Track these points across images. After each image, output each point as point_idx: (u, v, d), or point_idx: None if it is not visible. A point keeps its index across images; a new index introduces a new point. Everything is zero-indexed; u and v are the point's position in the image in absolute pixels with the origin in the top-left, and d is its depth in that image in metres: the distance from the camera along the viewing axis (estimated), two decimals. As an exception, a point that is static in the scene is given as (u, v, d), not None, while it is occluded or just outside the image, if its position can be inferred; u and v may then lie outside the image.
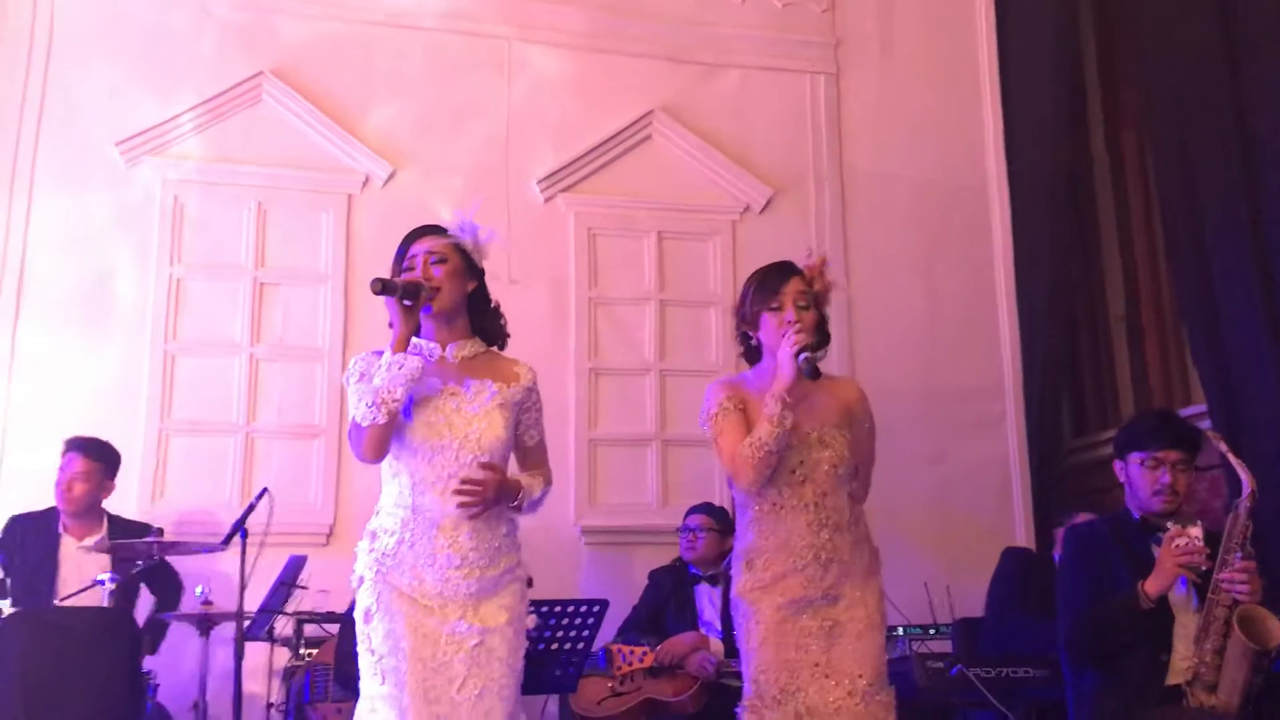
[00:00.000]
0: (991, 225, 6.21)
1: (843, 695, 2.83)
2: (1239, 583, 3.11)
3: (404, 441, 2.77)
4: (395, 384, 2.69)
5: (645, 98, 5.97)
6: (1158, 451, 3.37)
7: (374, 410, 2.68)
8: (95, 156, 5.33)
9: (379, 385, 2.69)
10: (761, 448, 2.86)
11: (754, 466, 2.87)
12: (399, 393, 2.69)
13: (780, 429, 2.85)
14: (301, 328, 5.46)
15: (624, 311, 5.81)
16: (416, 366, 2.73)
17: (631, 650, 4.39)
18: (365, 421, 2.69)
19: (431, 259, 2.84)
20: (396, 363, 2.72)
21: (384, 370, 2.71)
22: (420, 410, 2.77)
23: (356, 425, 2.72)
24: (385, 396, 2.68)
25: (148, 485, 5.13)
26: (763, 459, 2.86)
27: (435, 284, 2.82)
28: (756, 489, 2.94)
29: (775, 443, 2.85)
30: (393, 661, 2.64)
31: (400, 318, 2.77)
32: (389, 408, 2.68)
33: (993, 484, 5.89)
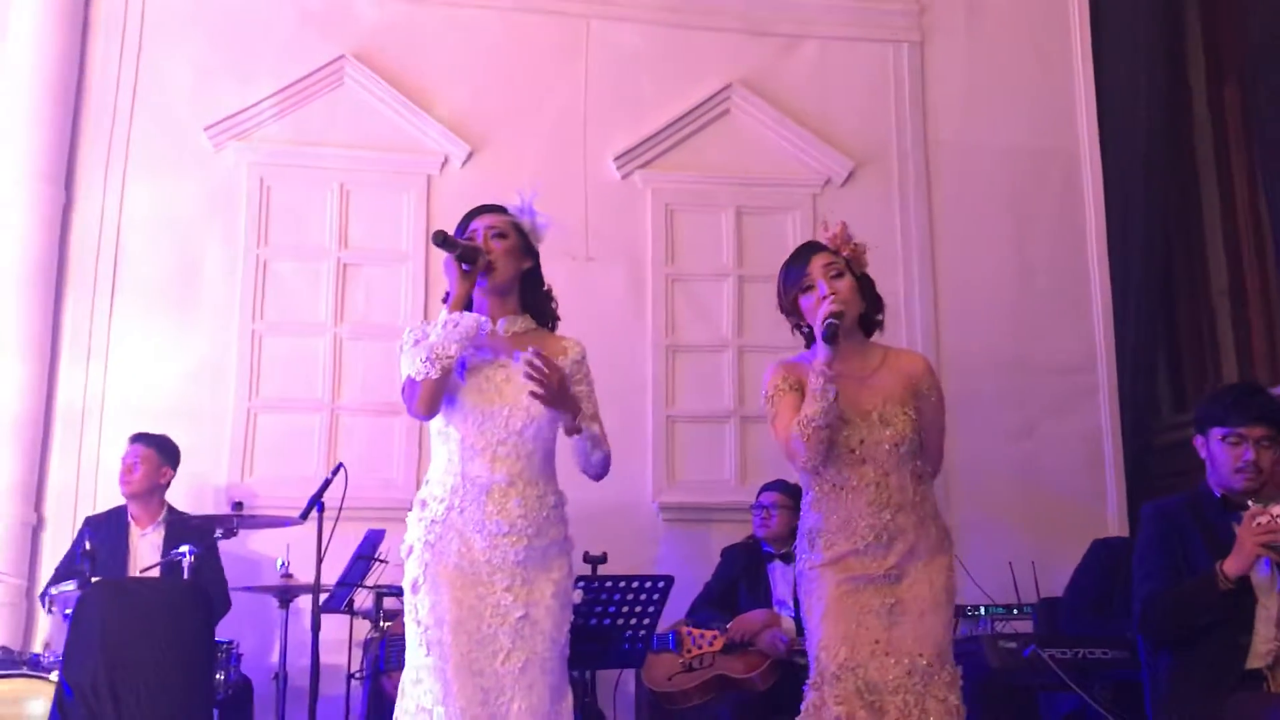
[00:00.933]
0: (1083, 193, 6.02)
1: (902, 674, 2.78)
2: None
3: (455, 405, 2.82)
4: (450, 340, 2.74)
5: (723, 71, 5.90)
6: (1240, 427, 3.22)
7: (428, 365, 2.72)
8: (184, 141, 5.49)
9: (434, 341, 2.75)
10: (809, 424, 2.82)
11: (805, 443, 2.83)
12: (453, 349, 2.74)
13: (824, 402, 2.81)
14: (383, 307, 5.55)
15: (702, 288, 5.77)
16: (472, 324, 2.78)
17: (702, 634, 4.37)
18: (419, 376, 2.73)
19: (491, 233, 2.88)
20: (452, 320, 2.77)
21: (439, 327, 2.77)
22: (472, 377, 2.82)
23: (411, 380, 2.77)
24: (440, 352, 2.73)
25: (237, 462, 5.29)
26: (812, 435, 2.82)
27: (492, 257, 2.84)
28: (812, 467, 2.90)
29: (822, 417, 2.81)
30: (438, 633, 2.68)
31: (457, 278, 2.81)
32: (443, 363, 2.73)
33: (1083, 460, 5.71)
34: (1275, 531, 3.02)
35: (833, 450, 2.90)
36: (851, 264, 2.95)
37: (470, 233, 2.89)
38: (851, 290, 2.93)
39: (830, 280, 2.92)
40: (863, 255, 2.97)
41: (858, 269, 2.96)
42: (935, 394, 2.97)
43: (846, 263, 2.95)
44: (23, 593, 4.95)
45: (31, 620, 4.94)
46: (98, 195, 5.39)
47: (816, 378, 2.83)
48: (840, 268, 2.95)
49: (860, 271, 2.97)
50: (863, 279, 2.97)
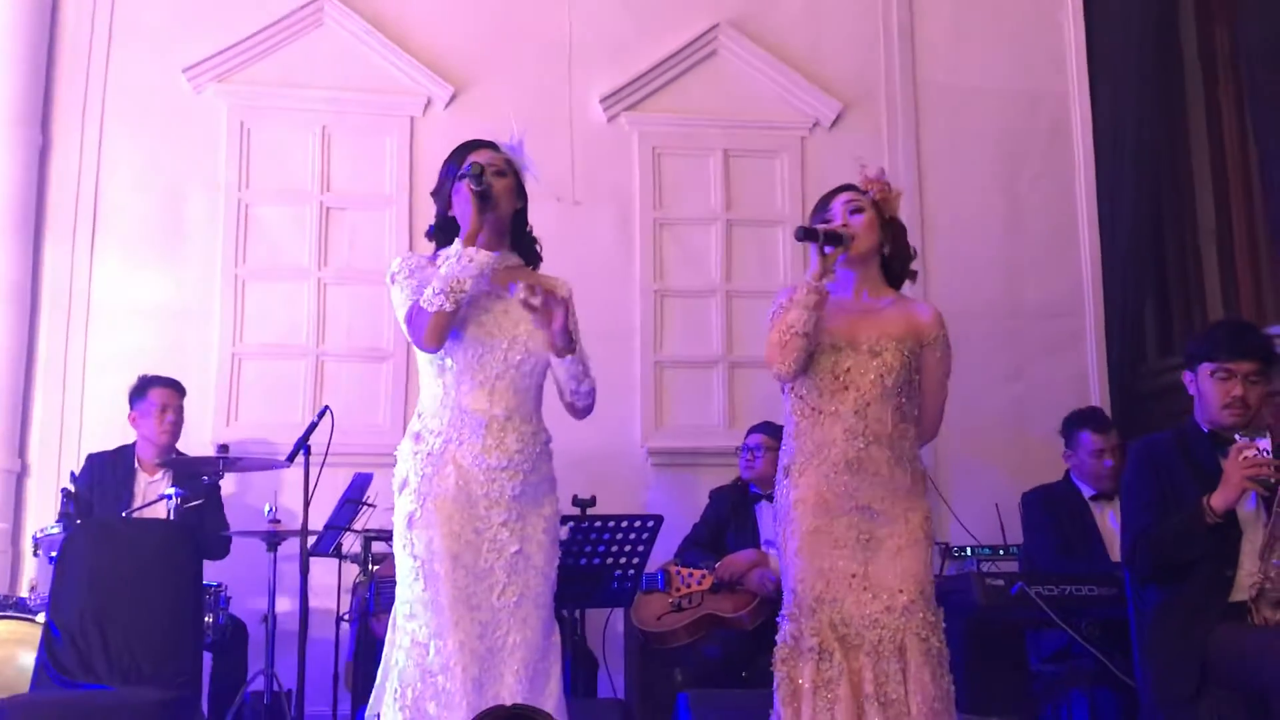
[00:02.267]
0: (1073, 135, 5.98)
1: (880, 610, 2.77)
2: None
3: (453, 337, 2.79)
4: (466, 273, 2.72)
5: (710, 11, 5.83)
6: (1229, 362, 3.23)
7: (440, 297, 2.70)
8: (163, 84, 5.41)
9: (447, 274, 2.72)
10: (788, 330, 2.83)
11: (779, 347, 2.85)
12: (467, 283, 2.72)
13: (803, 310, 2.81)
14: (368, 251, 5.50)
15: (690, 232, 5.73)
16: (487, 259, 2.76)
17: (690, 572, 4.38)
18: (431, 308, 2.71)
19: (493, 169, 2.84)
20: (467, 255, 2.74)
21: (453, 260, 2.74)
22: (470, 310, 2.79)
23: (419, 309, 2.73)
24: (454, 285, 2.70)
25: (222, 408, 5.26)
26: (789, 340, 2.83)
27: (495, 191, 2.82)
28: (789, 374, 2.89)
29: (802, 325, 2.81)
30: (434, 567, 2.67)
31: (474, 211, 2.77)
32: (456, 296, 2.71)
33: (1070, 404, 5.60)
34: (1262, 465, 3.04)
35: (817, 374, 2.90)
36: (879, 205, 2.94)
37: (468, 166, 2.83)
38: (867, 226, 2.94)
39: (849, 214, 2.92)
40: (894, 199, 2.97)
41: (885, 211, 2.95)
42: (941, 346, 2.95)
43: (875, 204, 2.94)
44: (9, 538, 4.93)
45: (18, 565, 4.93)
46: (75, 138, 5.31)
47: (801, 286, 2.84)
48: (862, 205, 2.96)
49: (889, 215, 2.95)
50: (890, 222, 2.96)
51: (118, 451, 4.70)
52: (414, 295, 2.77)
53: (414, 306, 2.75)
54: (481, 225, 2.79)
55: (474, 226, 2.79)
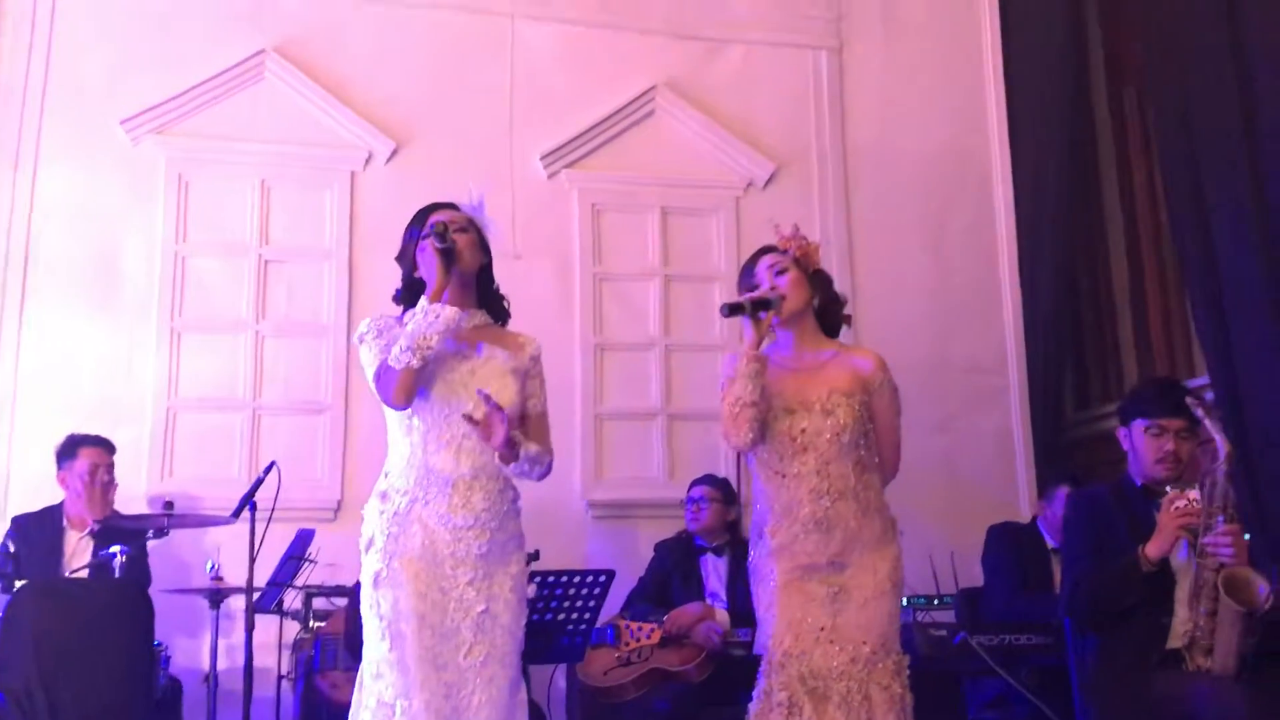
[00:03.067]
0: (995, 198, 6.22)
1: (846, 661, 2.85)
2: (1223, 545, 3.13)
3: (420, 396, 2.81)
4: (431, 330, 2.75)
5: (648, 73, 5.96)
6: (1161, 419, 3.40)
7: (408, 354, 2.73)
8: (101, 135, 5.34)
9: (413, 330, 2.75)
10: (736, 402, 2.91)
11: (731, 420, 2.92)
12: (434, 339, 2.75)
13: (745, 380, 2.89)
14: (306, 304, 5.48)
15: (628, 287, 5.82)
16: (453, 316, 2.79)
17: (640, 627, 4.42)
18: (399, 364, 2.73)
19: (454, 226, 2.90)
20: (434, 311, 2.77)
21: (420, 316, 2.77)
22: (437, 369, 2.82)
23: (388, 368, 2.76)
24: (420, 342, 2.73)
25: (156, 463, 5.16)
26: (739, 413, 2.90)
27: (459, 248, 2.88)
28: (747, 445, 2.96)
29: (749, 395, 2.89)
30: (400, 626, 2.67)
31: (439, 269, 2.82)
32: (423, 353, 2.74)
33: (996, 455, 5.92)
34: (1192, 514, 3.19)
35: (776, 438, 2.98)
36: (800, 262, 3.04)
37: (428, 227, 2.88)
38: (794, 284, 3.02)
39: (774, 277, 3.02)
40: (813, 253, 3.06)
41: (807, 266, 3.05)
42: (888, 391, 3.04)
43: (796, 261, 3.03)
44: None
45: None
46: (8, 187, 5.21)
47: (740, 358, 2.93)
48: (785, 266, 3.05)
49: (812, 268, 3.05)
50: (815, 275, 3.06)
51: (44, 512, 4.59)
52: (382, 354, 2.80)
53: (382, 364, 2.78)
54: (447, 282, 2.84)
55: (439, 283, 2.83)
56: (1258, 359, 4.96)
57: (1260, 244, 4.93)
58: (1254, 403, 4.94)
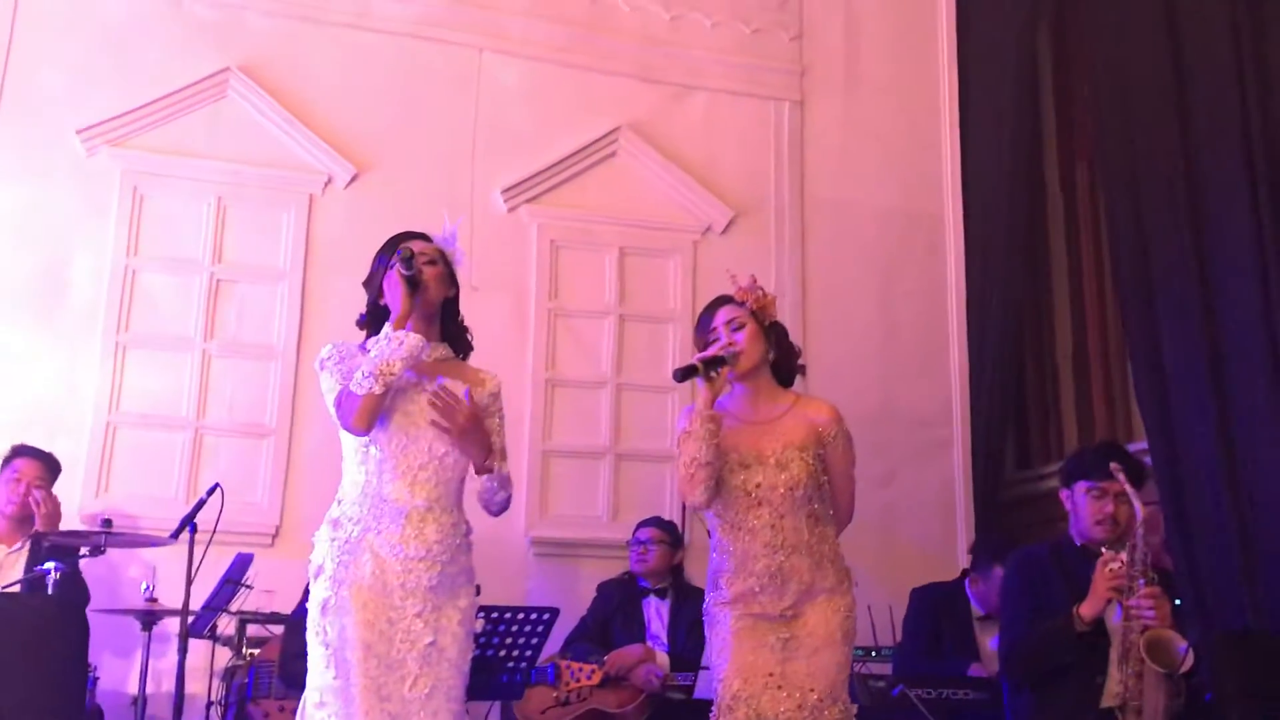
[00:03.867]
0: (946, 258, 6.33)
1: (793, 707, 2.87)
2: (1145, 608, 3.20)
3: (380, 426, 2.79)
4: (395, 356, 2.74)
5: (613, 114, 6.01)
6: (1102, 481, 3.46)
7: (370, 380, 2.71)
8: (55, 144, 5.26)
9: (376, 356, 2.74)
10: (692, 463, 2.93)
11: (687, 481, 2.96)
12: (397, 366, 2.74)
13: (699, 441, 2.91)
14: (257, 326, 5.42)
15: (583, 324, 5.83)
16: (417, 344, 2.78)
17: (580, 667, 4.40)
18: (361, 390, 2.71)
19: (424, 259, 2.88)
20: (397, 338, 2.77)
21: (383, 343, 2.76)
22: (396, 399, 2.80)
23: (349, 394, 2.74)
24: (383, 368, 2.72)
25: (93, 478, 5.06)
26: (694, 473, 2.93)
27: (426, 279, 2.87)
28: (702, 504, 3.00)
29: (703, 454, 2.91)
30: (346, 655, 2.64)
31: (404, 296, 2.81)
32: (385, 379, 2.72)
33: (937, 509, 5.98)
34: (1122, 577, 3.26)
35: (731, 492, 3.00)
36: (757, 315, 3.07)
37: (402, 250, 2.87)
38: (751, 339, 3.05)
39: (730, 332, 3.04)
40: (770, 305, 3.09)
41: (764, 319, 3.08)
42: (841, 441, 3.08)
43: (753, 314, 3.06)
44: None
45: None
46: (-44, 192, 5.12)
47: (694, 418, 2.94)
48: (743, 320, 3.08)
49: (768, 321, 3.08)
50: (772, 328, 3.09)
51: None
52: (343, 381, 2.79)
53: (343, 390, 2.77)
54: (411, 310, 2.84)
55: (404, 310, 2.83)
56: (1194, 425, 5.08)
57: (1200, 314, 5.05)
58: (1191, 466, 5.05)
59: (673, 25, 6.20)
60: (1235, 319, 4.85)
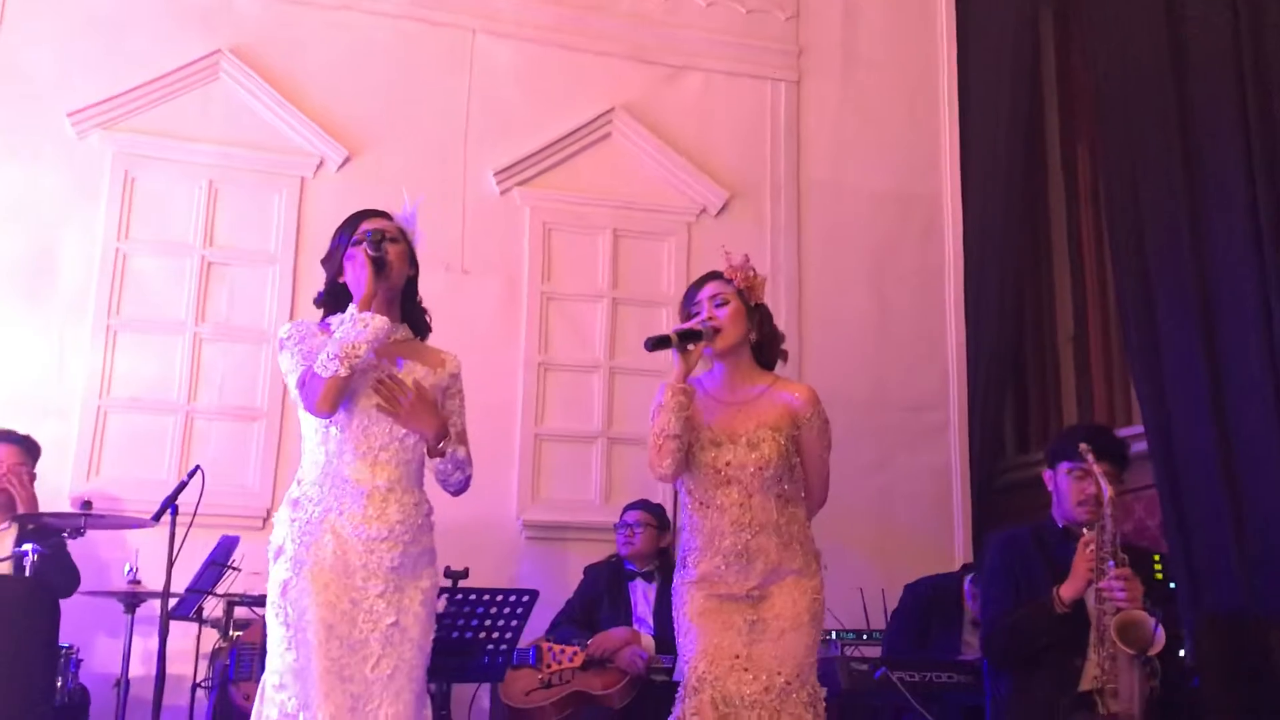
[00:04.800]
0: (944, 238, 6.27)
1: (759, 690, 2.84)
2: (1116, 590, 3.16)
3: (341, 407, 2.77)
4: (360, 338, 2.71)
5: (607, 95, 5.97)
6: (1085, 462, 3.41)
7: (335, 362, 2.69)
8: (45, 127, 5.26)
9: (341, 338, 2.71)
10: (660, 434, 2.92)
11: (655, 451, 2.94)
12: (363, 349, 2.72)
13: (669, 414, 2.89)
14: (248, 309, 5.41)
15: (576, 307, 5.80)
16: (383, 325, 2.76)
17: (562, 649, 4.38)
18: (326, 373, 2.69)
19: (385, 236, 2.85)
20: (363, 319, 2.74)
21: (348, 324, 2.74)
22: (358, 381, 2.78)
23: (314, 375, 2.72)
24: (348, 350, 2.70)
25: (83, 461, 5.06)
26: (662, 444, 2.92)
27: (389, 259, 2.84)
28: (668, 476, 2.99)
29: (671, 427, 2.90)
30: (307, 636, 2.63)
31: (369, 277, 2.79)
32: (350, 361, 2.70)
33: (933, 494, 5.93)
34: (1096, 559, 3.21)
35: (701, 469, 2.98)
36: (744, 294, 3.03)
37: (361, 233, 2.86)
38: (732, 317, 3.02)
39: (714, 308, 3.01)
40: (758, 286, 3.06)
41: (750, 299, 3.04)
42: (817, 424, 3.04)
43: (740, 292, 3.03)
44: None
45: None
46: (-54, 176, 5.13)
47: (666, 390, 2.91)
48: (728, 297, 3.05)
49: (754, 302, 3.05)
50: (756, 309, 3.06)
51: None
52: (304, 361, 2.76)
53: (307, 371, 2.74)
54: (375, 291, 2.81)
55: (368, 291, 2.80)
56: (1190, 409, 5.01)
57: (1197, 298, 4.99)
58: (1186, 450, 4.99)
59: (667, 5, 6.15)
60: (1232, 302, 4.78)
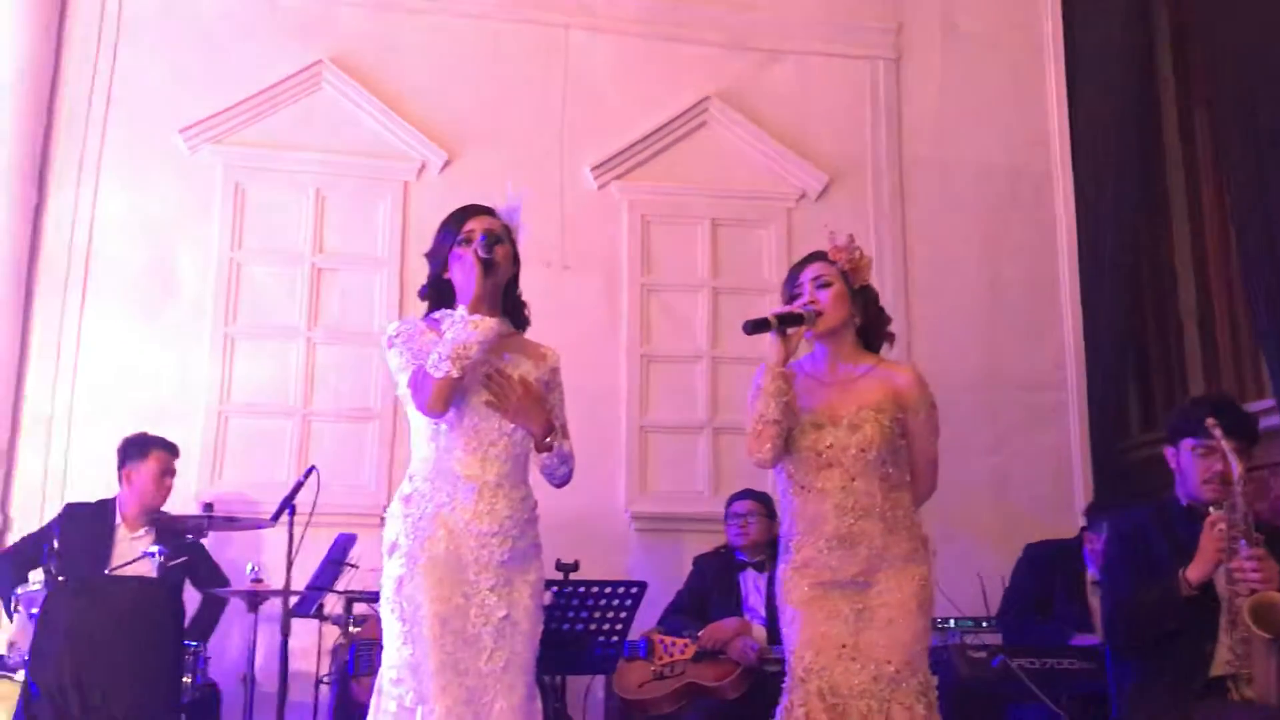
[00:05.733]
0: (1055, 212, 6.09)
1: (868, 680, 2.80)
2: (1249, 570, 3.01)
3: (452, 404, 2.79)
4: (471, 339, 2.73)
5: (701, 84, 5.94)
6: (1210, 439, 3.26)
7: (447, 363, 2.71)
8: (159, 144, 5.46)
9: (453, 339, 2.73)
10: (759, 419, 2.88)
11: (754, 437, 2.91)
12: (474, 349, 2.73)
13: (768, 398, 2.86)
14: (358, 312, 5.54)
15: (677, 298, 5.79)
16: (492, 327, 2.78)
17: (673, 641, 4.38)
18: (438, 374, 2.72)
19: (496, 239, 2.87)
20: (473, 321, 2.76)
21: (459, 325, 2.75)
22: (468, 378, 2.79)
23: (425, 374, 2.74)
24: (459, 351, 2.72)
25: (207, 466, 5.25)
26: (761, 430, 2.88)
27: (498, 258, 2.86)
28: (768, 461, 2.95)
29: (770, 412, 2.86)
30: (422, 631, 2.66)
31: (478, 278, 2.80)
32: (462, 362, 2.72)
33: (1051, 475, 5.77)
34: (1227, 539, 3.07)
35: (802, 453, 2.94)
36: (847, 275, 2.98)
37: (467, 232, 2.88)
38: (835, 299, 2.97)
39: (816, 289, 2.96)
40: (863, 268, 3.00)
41: (855, 281, 2.98)
42: (924, 408, 2.97)
43: (843, 274, 2.97)
44: (-14, 594, 4.88)
45: (-3, 620, 4.89)
46: (70, 195, 5.34)
47: (765, 374, 2.87)
48: (831, 279, 2.99)
49: (859, 284, 2.99)
50: (861, 291, 3.00)
51: (99, 505, 4.68)
52: (414, 360, 2.79)
53: (419, 371, 2.76)
54: (485, 292, 2.82)
55: (478, 292, 2.81)
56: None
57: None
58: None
59: (757, -11, 6.09)
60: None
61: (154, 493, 4.64)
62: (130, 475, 4.65)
